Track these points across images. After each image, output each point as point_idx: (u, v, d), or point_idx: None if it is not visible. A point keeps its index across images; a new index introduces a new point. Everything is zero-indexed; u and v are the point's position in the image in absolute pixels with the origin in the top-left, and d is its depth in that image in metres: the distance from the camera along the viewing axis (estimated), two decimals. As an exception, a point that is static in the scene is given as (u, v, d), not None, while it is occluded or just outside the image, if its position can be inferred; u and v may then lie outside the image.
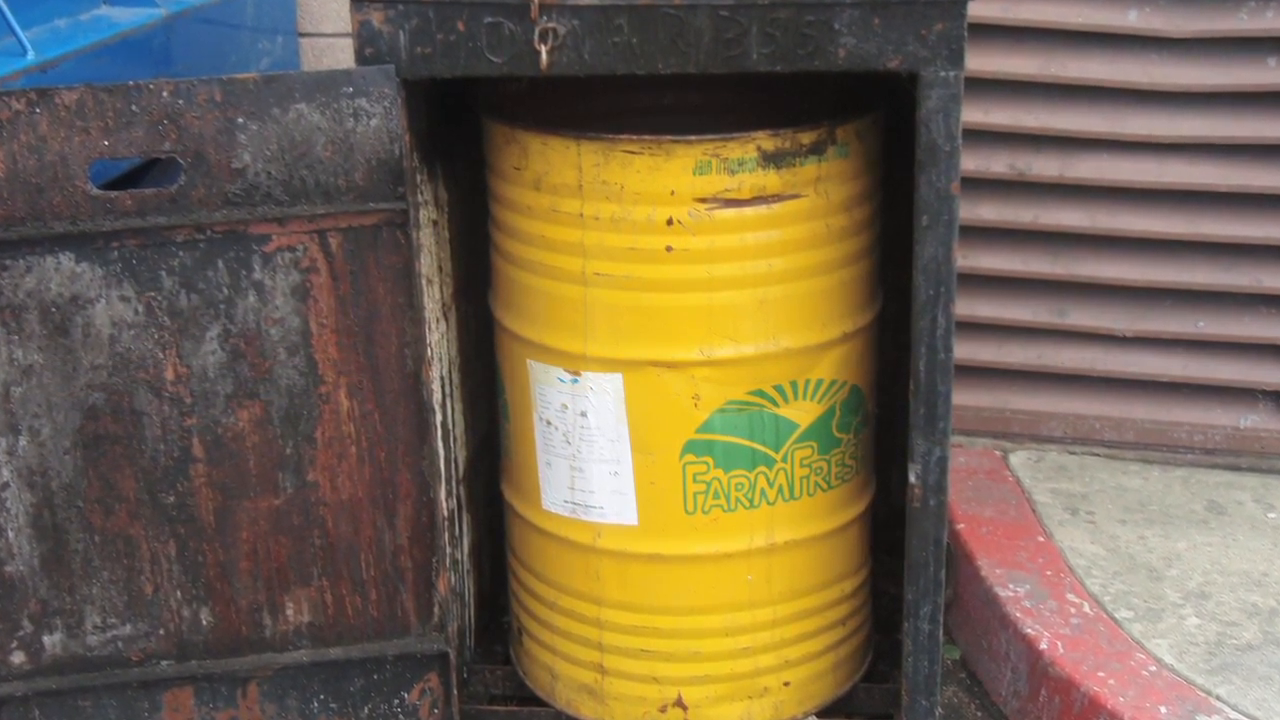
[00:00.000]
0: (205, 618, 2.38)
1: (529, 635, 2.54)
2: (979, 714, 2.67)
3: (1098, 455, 3.17)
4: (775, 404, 2.26)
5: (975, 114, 3.03)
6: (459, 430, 2.52)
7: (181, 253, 2.20)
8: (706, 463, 2.26)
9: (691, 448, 2.26)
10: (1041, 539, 2.82)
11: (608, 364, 2.25)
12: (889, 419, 2.58)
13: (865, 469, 2.45)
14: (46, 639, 2.36)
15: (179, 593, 2.36)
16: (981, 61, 3.00)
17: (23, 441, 2.26)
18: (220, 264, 2.21)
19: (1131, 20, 2.96)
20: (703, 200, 2.15)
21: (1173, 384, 3.15)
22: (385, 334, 2.29)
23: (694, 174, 2.10)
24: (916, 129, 2.08)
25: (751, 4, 2.05)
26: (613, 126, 2.22)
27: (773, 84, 2.29)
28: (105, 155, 2.13)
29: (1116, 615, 2.59)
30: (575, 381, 2.27)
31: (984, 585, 2.70)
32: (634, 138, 2.11)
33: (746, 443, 2.27)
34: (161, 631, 2.38)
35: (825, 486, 2.35)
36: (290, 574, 2.37)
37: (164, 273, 2.21)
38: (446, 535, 2.42)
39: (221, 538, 2.34)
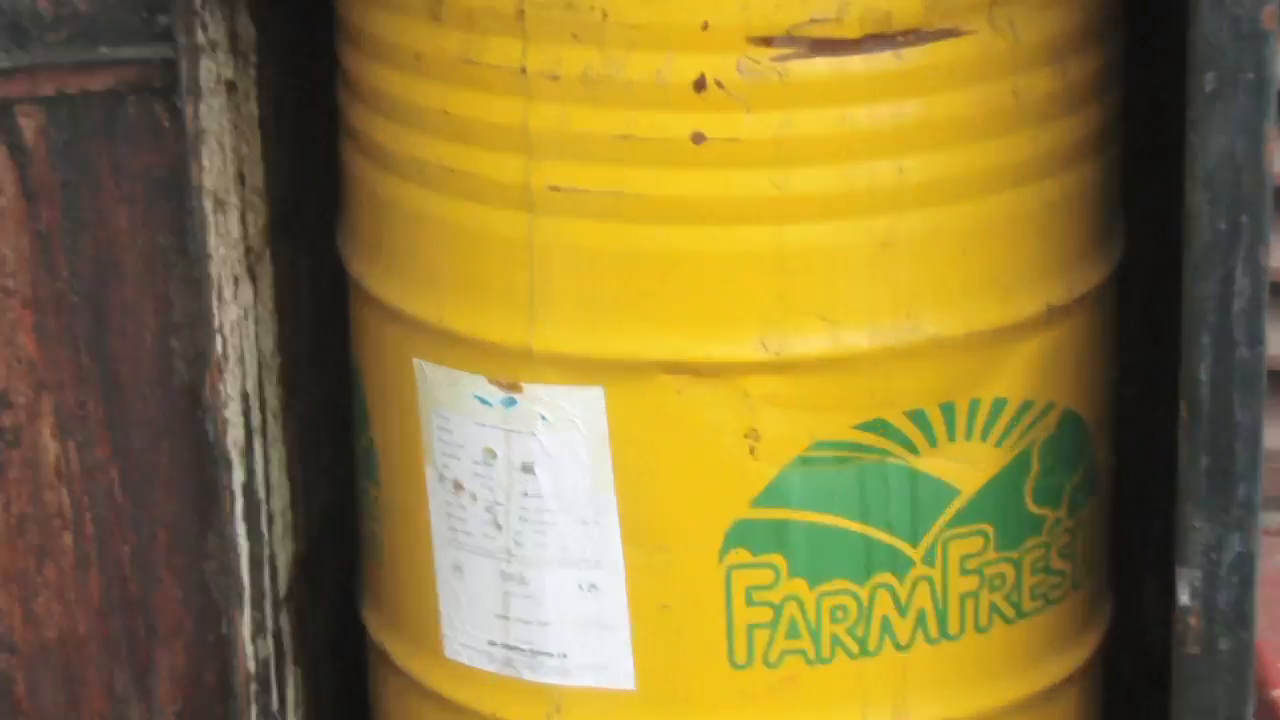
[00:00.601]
0: None
1: None
2: None
3: None
4: (911, 449, 1.60)
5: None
6: (278, 501, 1.83)
7: None
8: (774, 566, 1.62)
9: (743, 535, 1.60)
10: None
11: (575, 367, 1.58)
12: (1127, 475, 1.92)
13: (1092, 578, 1.77)
14: None
15: None
16: None
17: None
18: None
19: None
20: (765, 41, 1.51)
21: None
22: (130, 308, 1.66)
23: (748, -13, 1.46)
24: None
25: None
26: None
27: None
28: None
29: None
30: (511, 403, 1.61)
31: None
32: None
33: (854, 526, 1.62)
34: None
35: (1010, 614, 1.65)
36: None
37: None
38: (255, 711, 1.72)
39: None
